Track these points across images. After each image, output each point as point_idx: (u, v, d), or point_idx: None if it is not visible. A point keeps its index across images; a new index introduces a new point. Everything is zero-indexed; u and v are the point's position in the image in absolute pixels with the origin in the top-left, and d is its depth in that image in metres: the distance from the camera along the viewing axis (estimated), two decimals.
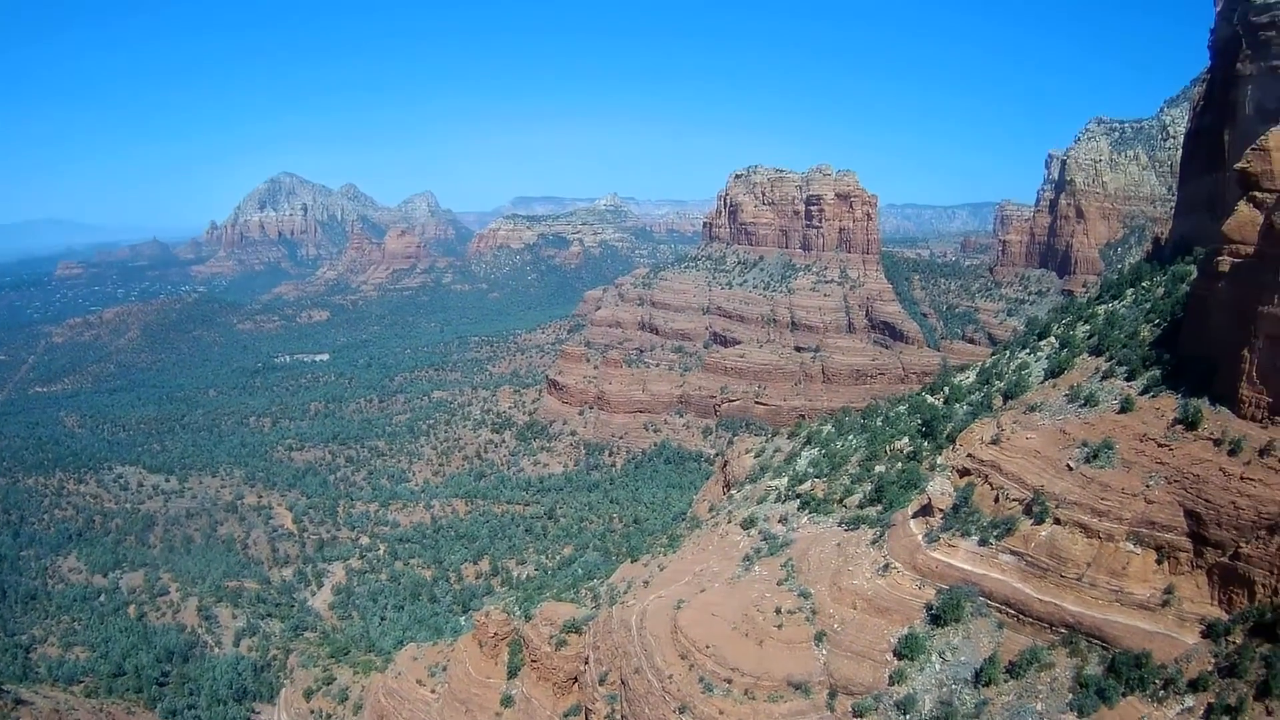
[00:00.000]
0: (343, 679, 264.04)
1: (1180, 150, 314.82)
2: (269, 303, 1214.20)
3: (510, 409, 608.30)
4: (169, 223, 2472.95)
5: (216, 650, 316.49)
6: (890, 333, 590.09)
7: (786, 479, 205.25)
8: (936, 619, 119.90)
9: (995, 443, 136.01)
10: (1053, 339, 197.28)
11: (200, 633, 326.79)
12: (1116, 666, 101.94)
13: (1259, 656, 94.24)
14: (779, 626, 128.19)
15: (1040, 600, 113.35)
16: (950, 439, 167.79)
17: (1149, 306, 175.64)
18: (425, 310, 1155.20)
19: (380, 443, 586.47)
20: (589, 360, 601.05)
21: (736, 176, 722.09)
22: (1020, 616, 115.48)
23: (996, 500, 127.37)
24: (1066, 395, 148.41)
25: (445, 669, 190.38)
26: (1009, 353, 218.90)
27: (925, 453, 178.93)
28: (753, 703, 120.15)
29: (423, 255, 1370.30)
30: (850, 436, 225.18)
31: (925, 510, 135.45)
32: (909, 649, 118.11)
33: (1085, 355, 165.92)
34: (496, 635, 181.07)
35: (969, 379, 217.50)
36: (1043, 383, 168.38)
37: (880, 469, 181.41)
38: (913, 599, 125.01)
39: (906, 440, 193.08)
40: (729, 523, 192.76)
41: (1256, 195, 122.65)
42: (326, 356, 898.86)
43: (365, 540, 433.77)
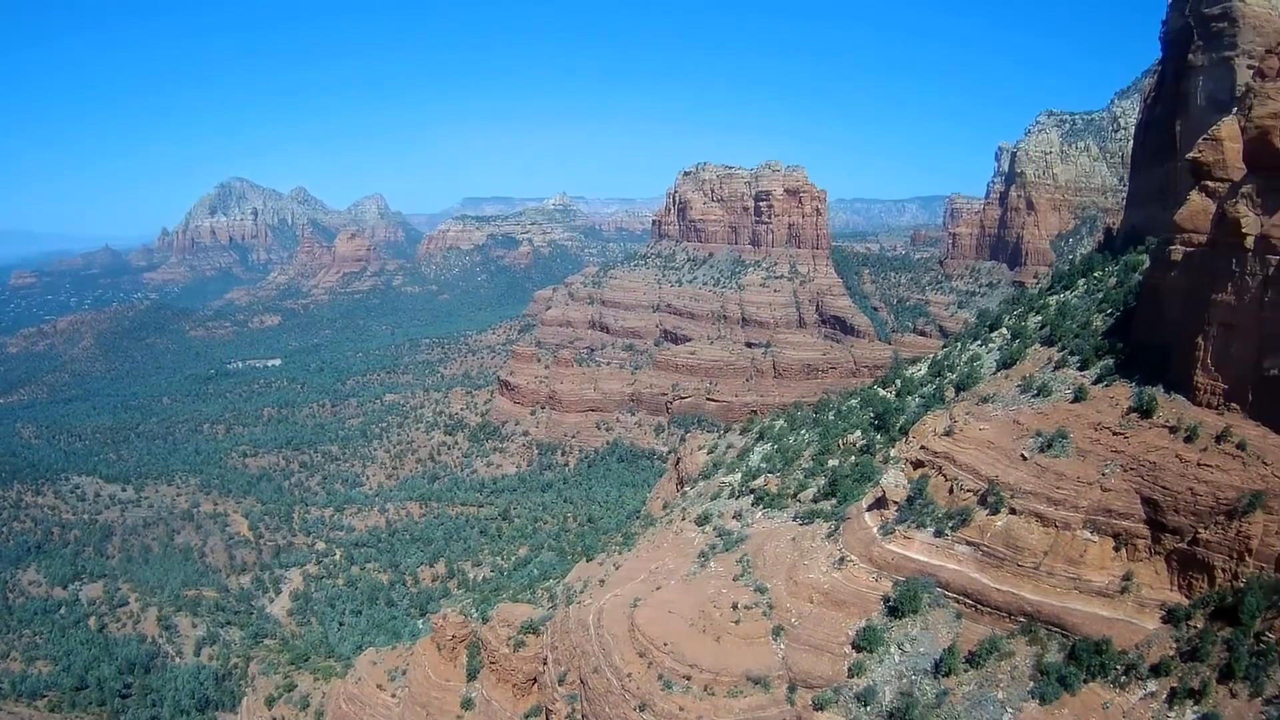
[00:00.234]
0: (304, 685, 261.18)
1: (1131, 141, 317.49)
2: (221, 308, 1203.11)
3: (462, 410, 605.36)
4: (121, 230, 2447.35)
5: (178, 660, 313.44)
6: (841, 327, 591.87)
7: (740, 475, 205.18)
8: (894, 611, 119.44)
9: (948, 434, 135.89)
10: (1004, 330, 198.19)
11: (161, 643, 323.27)
12: (1077, 654, 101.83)
13: (1221, 640, 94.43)
14: (736, 622, 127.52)
15: (998, 590, 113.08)
16: (903, 431, 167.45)
17: (1101, 296, 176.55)
18: (376, 313, 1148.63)
19: (333, 447, 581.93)
20: (540, 360, 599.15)
21: (685, 174, 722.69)
22: (978, 606, 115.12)
23: (951, 491, 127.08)
24: (1019, 386, 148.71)
25: (405, 673, 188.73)
26: (961, 345, 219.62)
27: (878, 446, 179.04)
28: (712, 698, 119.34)
29: (373, 258, 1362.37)
30: (803, 431, 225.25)
31: (880, 503, 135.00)
32: (867, 641, 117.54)
33: (1037, 346, 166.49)
34: (454, 638, 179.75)
35: (921, 371, 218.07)
36: (995, 374, 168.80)
37: (833, 463, 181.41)
38: (870, 591, 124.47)
39: (859, 434, 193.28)
40: (683, 520, 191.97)
41: (1209, 185, 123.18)
42: (278, 361, 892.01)
43: (321, 545, 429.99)
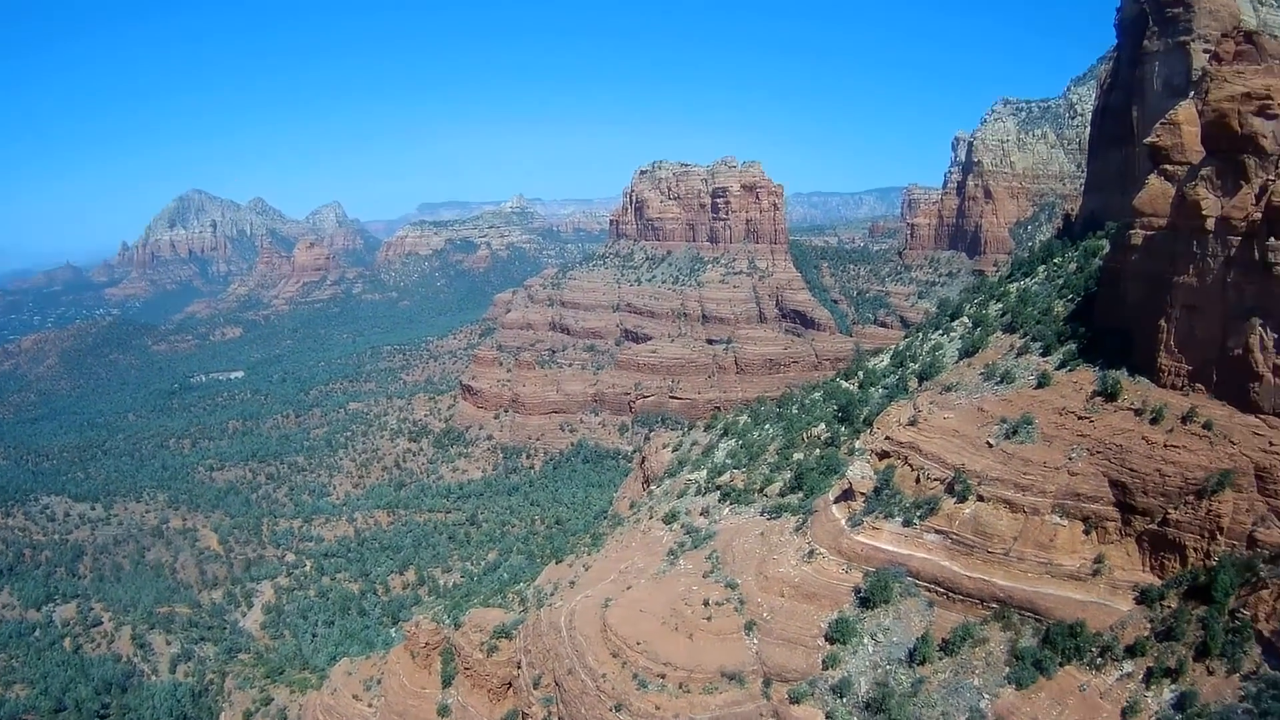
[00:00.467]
0: (280, 699, 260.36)
1: (1089, 128, 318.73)
2: (182, 322, 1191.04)
3: (426, 417, 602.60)
4: (82, 246, 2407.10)
5: (153, 678, 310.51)
6: (802, 321, 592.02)
7: (705, 471, 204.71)
8: (866, 601, 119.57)
9: (913, 424, 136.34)
10: (965, 319, 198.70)
11: (136, 661, 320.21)
12: (1051, 637, 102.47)
13: (1195, 619, 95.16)
14: (708, 618, 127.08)
15: (969, 577, 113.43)
16: (867, 423, 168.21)
17: (1062, 282, 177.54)
18: (337, 322, 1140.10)
19: (299, 458, 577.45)
20: (502, 364, 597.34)
21: (642, 173, 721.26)
22: (950, 594, 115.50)
23: (918, 481, 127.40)
24: (982, 373, 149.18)
25: (380, 682, 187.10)
26: (922, 335, 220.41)
27: (843, 438, 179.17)
28: (688, 696, 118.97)
29: (332, 266, 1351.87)
30: (767, 426, 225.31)
31: (847, 495, 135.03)
32: (840, 633, 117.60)
33: (999, 333, 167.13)
34: (428, 645, 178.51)
35: (883, 362, 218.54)
36: (958, 363, 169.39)
37: (799, 456, 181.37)
38: (840, 583, 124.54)
39: (824, 426, 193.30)
40: (651, 518, 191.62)
41: (1167, 168, 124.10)
42: (241, 374, 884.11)
43: (291, 557, 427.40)
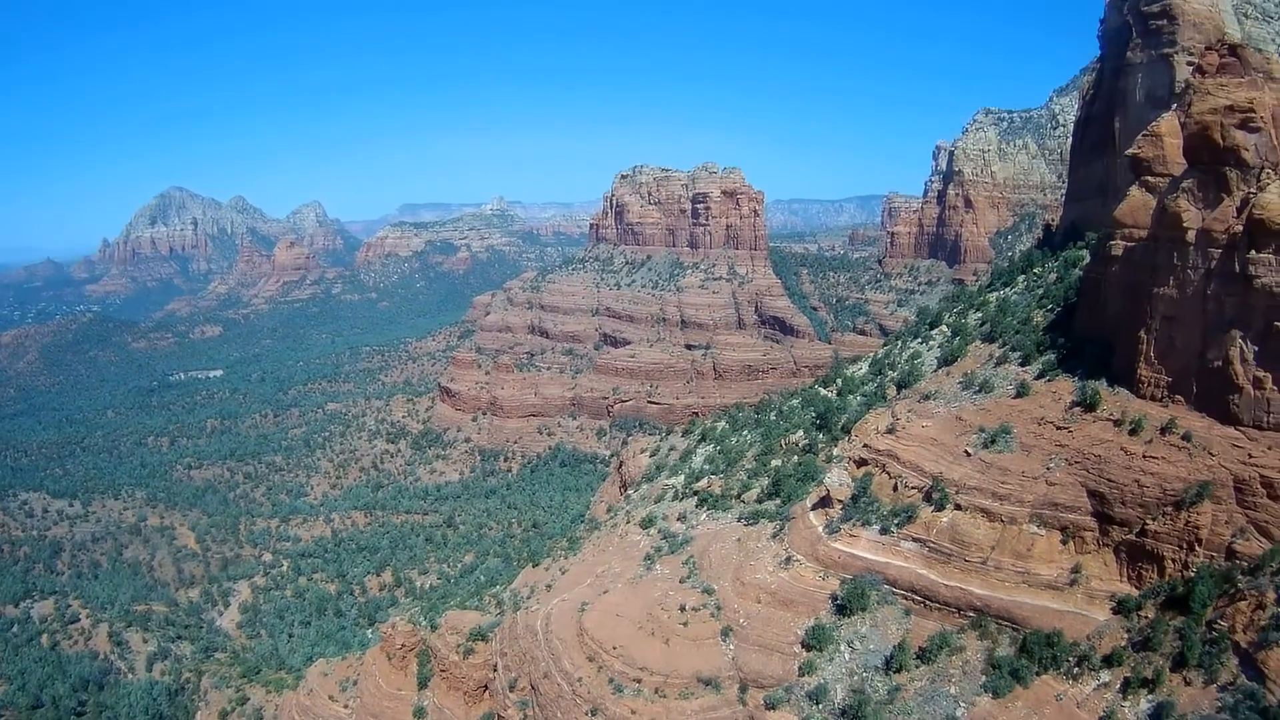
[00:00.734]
0: (256, 698, 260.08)
1: (1070, 138, 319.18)
2: (162, 320, 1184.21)
3: (404, 418, 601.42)
4: (63, 242, 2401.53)
5: (130, 676, 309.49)
6: (780, 327, 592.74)
7: (683, 477, 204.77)
8: (842, 609, 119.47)
9: (891, 432, 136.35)
10: (944, 327, 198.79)
11: (113, 659, 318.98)
12: (1028, 647, 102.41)
13: (1173, 629, 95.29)
14: (685, 624, 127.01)
15: (946, 585, 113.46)
16: (845, 430, 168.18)
17: (1041, 292, 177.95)
18: (316, 322, 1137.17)
19: (277, 457, 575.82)
20: (480, 366, 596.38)
21: (623, 177, 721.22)
22: (927, 602, 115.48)
23: (895, 489, 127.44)
24: (961, 382, 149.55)
25: (356, 683, 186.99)
26: (901, 343, 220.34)
27: (821, 445, 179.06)
28: (664, 701, 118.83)
29: (312, 266, 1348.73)
30: (744, 432, 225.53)
31: (824, 502, 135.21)
32: (817, 640, 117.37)
33: (978, 342, 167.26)
34: (404, 647, 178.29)
35: (861, 370, 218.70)
36: (936, 371, 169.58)
37: (776, 463, 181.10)
38: (817, 590, 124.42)
39: (801, 433, 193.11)
40: (628, 523, 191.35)
41: (1149, 180, 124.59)
42: (220, 372, 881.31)
43: (268, 557, 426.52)
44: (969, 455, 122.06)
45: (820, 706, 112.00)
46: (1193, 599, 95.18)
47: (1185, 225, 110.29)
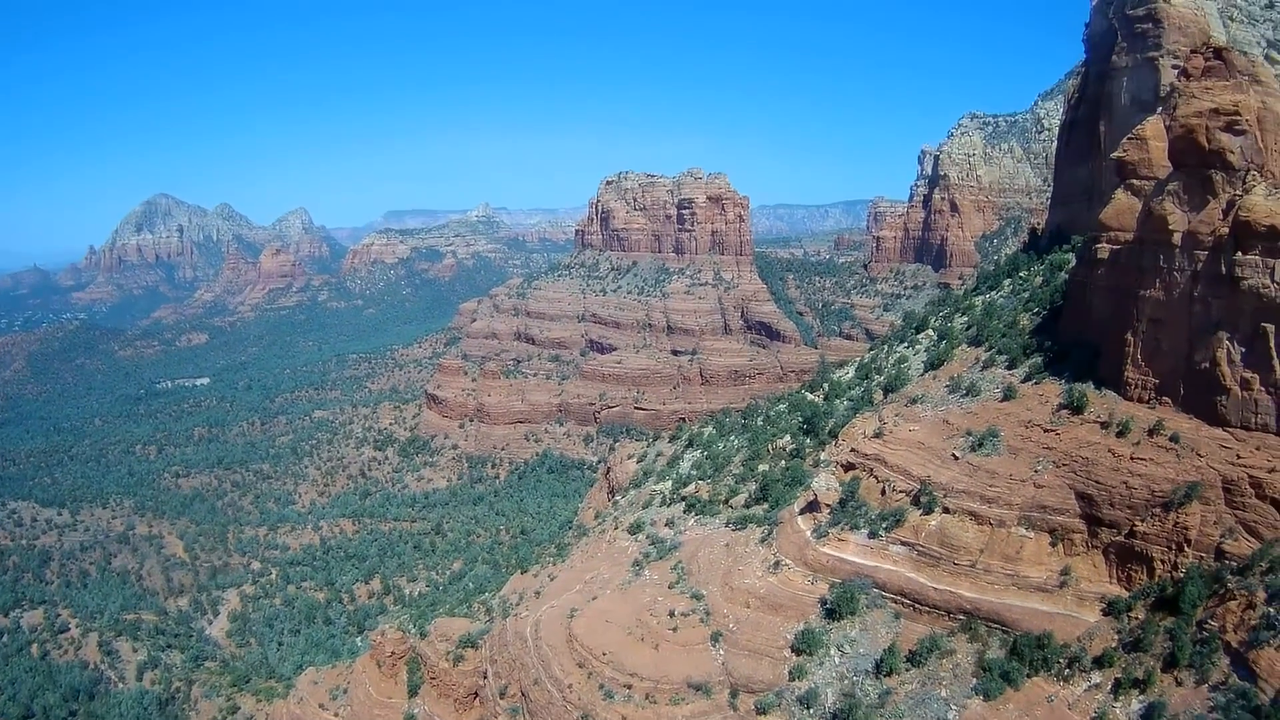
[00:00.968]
0: (246, 707, 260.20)
1: (1055, 142, 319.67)
2: (148, 327, 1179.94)
3: (391, 425, 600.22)
4: (49, 248, 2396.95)
5: (120, 685, 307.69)
6: (767, 332, 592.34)
7: (670, 482, 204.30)
8: (832, 613, 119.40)
9: (878, 436, 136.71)
10: (931, 331, 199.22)
11: (103, 668, 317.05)
12: (1019, 649, 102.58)
13: (1163, 630, 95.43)
14: (674, 629, 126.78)
15: (935, 588, 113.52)
16: (833, 435, 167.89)
17: (1027, 296, 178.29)
18: (302, 329, 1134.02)
19: (264, 465, 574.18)
20: (467, 373, 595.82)
21: (608, 183, 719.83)
22: (916, 606, 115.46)
23: (883, 493, 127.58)
24: (948, 386, 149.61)
25: (346, 691, 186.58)
26: (887, 347, 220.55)
27: (808, 450, 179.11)
28: (655, 706, 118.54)
29: (298, 273, 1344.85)
30: (732, 437, 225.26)
31: (812, 506, 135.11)
32: (806, 644, 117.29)
33: (965, 346, 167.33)
34: (394, 654, 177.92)
35: (848, 375, 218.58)
36: (923, 375, 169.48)
37: (764, 468, 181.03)
38: (806, 594, 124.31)
39: (788, 438, 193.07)
40: (616, 529, 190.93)
41: (1134, 183, 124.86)
42: (207, 380, 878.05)
43: (257, 565, 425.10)
44: (956, 459, 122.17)
45: (811, 711, 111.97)
46: (1183, 599, 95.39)
47: (1171, 228, 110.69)
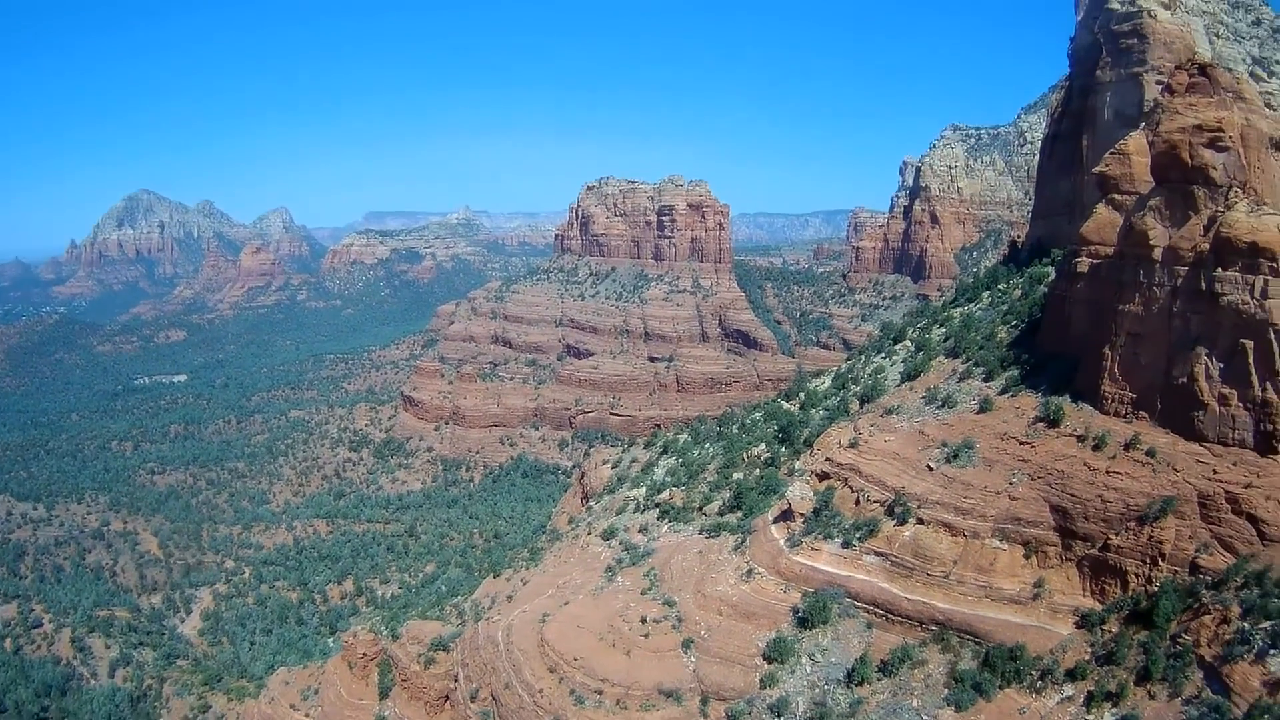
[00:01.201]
0: (218, 706, 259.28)
1: (1037, 155, 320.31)
2: (127, 323, 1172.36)
3: (367, 426, 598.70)
4: (31, 242, 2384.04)
5: (93, 682, 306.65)
6: (744, 341, 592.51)
7: (645, 489, 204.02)
8: (804, 622, 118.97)
9: (854, 446, 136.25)
10: (908, 342, 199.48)
11: (75, 664, 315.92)
12: (991, 660, 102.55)
13: (1136, 643, 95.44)
14: (646, 636, 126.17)
15: (908, 599, 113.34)
16: (808, 444, 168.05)
17: (1006, 308, 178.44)
18: (281, 328, 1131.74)
19: (240, 464, 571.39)
20: (443, 375, 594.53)
21: (589, 188, 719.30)
22: (889, 616, 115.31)
23: (857, 503, 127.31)
24: (924, 397, 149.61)
25: (317, 692, 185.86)
26: (864, 357, 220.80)
27: (783, 458, 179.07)
28: (625, 712, 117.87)
29: (278, 272, 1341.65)
30: (707, 445, 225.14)
31: (786, 515, 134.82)
32: (778, 652, 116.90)
33: (942, 358, 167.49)
34: (365, 656, 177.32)
35: (825, 384, 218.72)
36: (899, 386, 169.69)
37: (738, 476, 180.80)
38: (778, 603, 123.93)
39: (764, 447, 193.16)
40: (589, 534, 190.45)
41: (1116, 198, 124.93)
42: (184, 377, 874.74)
43: (230, 564, 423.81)
44: (931, 470, 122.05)
45: (782, 719, 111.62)
46: (1157, 613, 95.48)
47: (1152, 243, 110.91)
